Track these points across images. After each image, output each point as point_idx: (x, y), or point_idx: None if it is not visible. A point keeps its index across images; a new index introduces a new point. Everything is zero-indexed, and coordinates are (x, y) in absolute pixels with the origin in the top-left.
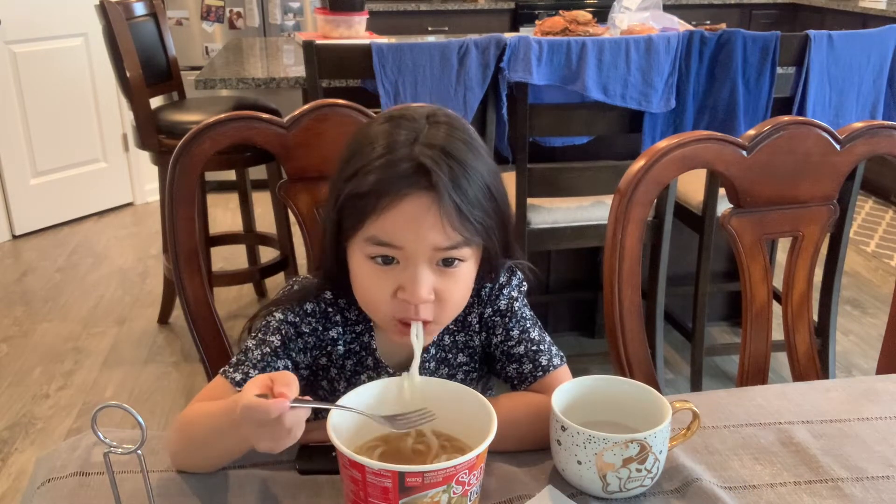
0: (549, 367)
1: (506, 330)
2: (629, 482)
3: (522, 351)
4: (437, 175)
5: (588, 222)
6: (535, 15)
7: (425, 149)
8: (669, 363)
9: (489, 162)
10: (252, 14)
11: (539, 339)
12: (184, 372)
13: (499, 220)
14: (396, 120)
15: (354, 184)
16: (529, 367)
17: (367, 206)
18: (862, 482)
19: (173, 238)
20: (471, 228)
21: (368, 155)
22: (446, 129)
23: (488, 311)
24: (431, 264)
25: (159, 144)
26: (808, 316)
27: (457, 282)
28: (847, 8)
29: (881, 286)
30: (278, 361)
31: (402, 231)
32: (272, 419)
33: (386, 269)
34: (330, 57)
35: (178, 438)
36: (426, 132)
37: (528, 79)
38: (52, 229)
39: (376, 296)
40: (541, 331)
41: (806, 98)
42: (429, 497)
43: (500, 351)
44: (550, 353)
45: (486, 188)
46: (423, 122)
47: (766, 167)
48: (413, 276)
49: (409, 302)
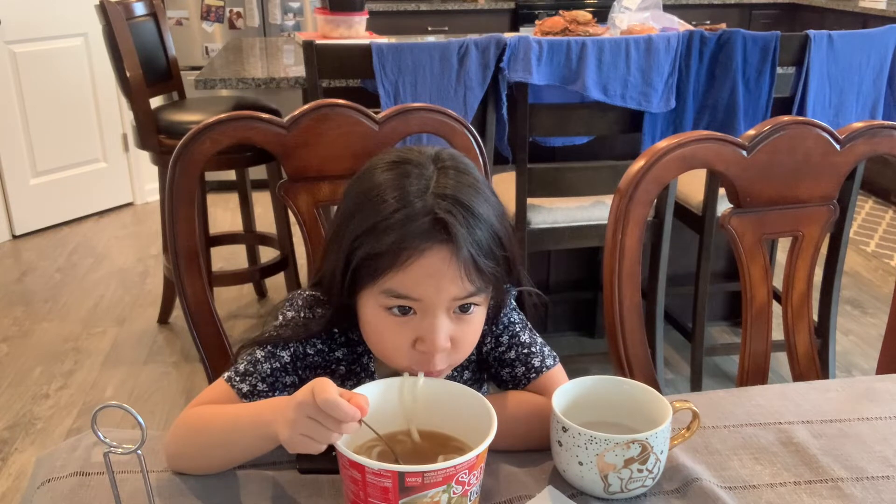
0: (542, 367)
1: (495, 338)
2: (631, 483)
3: (514, 356)
4: (455, 228)
5: (588, 222)
6: (535, 15)
7: (439, 200)
8: (669, 363)
9: (494, 202)
10: (252, 14)
11: (530, 342)
12: (184, 372)
13: (506, 264)
14: (402, 167)
15: (370, 241)
16: (522, 369)
17: (387, 263)
18: (862, 482)
19: (173, 238)
20: (486, 277)
21: (381, 210)
22: (454, 174)
23: None
24: (448, 313)
25: (159, 144)
26: (808, 316)
27: (472, 326)
28: (847, 8)
29: (881, 286)
30: (287, 377)
31: (422, 285)
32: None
33: (403, 319)
34: (330, 57)
35: (183, 440)
36: (436, 180)
37: (528, 79)
38: (52, 229)
39: (393, 346)
40: (531, 333)
41: (806, 98)
42: (429, 497)
43: (493, 357)
44: (542, 355)
45: (495, 236)
46: (431, 167)
47: (766, 167)
48: (432, 326)
49: (427, 353)
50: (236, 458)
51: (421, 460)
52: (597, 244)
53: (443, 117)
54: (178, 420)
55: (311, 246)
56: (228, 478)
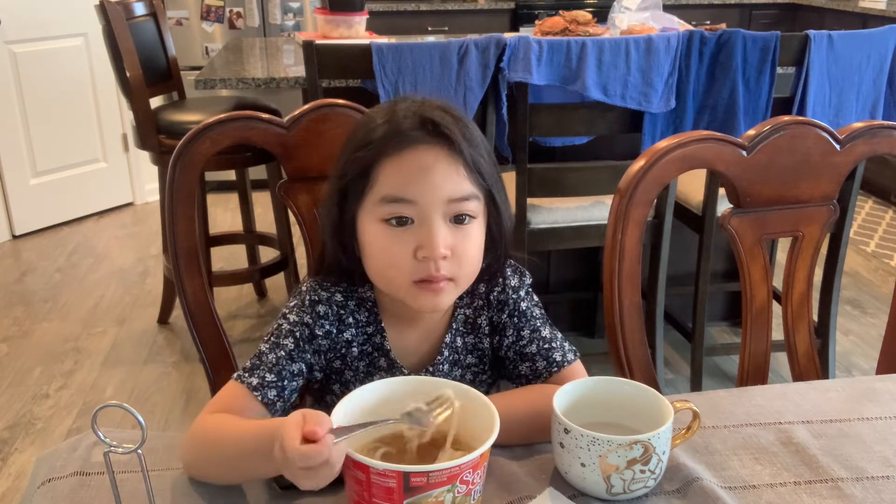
0: (564, 362)
1: (516, 330)
2: (633, 483)
3: (535, 349)
4: (446, 125)
5: (588, 222)
6: (535, 15)
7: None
8: (669, 363)
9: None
10: (252, 14)
11: (551, 337)
12: (184, 372)
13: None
14: (392, 101)
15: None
16: (543, 363)
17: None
18: (862, 482)
19: (173, 238)
20: (479, 178)
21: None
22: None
23: (498, 315)
24: (445, 220)
25: (159, 144)
26: (808, 316)
27: (470, 238)
28: (847, 8)
29: (881, 286)
30: (293, 365)
31: (414, 182)
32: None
33: (401, 230)
34: (330, 57)
35: (198, 450)
36: (424, 103)
37: (528, 79)
38: (52, 229)
39: (395, 259)
40: (552, 328)
41: (806, 98)
42: (433, 497)
43: (513, 351)
44: (563, 349)
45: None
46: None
47: (766, 167)
48: (430, 230)
49: (429, 258)
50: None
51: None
52: (597, 244)
53: None
54: (192, 428)
55: (311, 246)
56: None
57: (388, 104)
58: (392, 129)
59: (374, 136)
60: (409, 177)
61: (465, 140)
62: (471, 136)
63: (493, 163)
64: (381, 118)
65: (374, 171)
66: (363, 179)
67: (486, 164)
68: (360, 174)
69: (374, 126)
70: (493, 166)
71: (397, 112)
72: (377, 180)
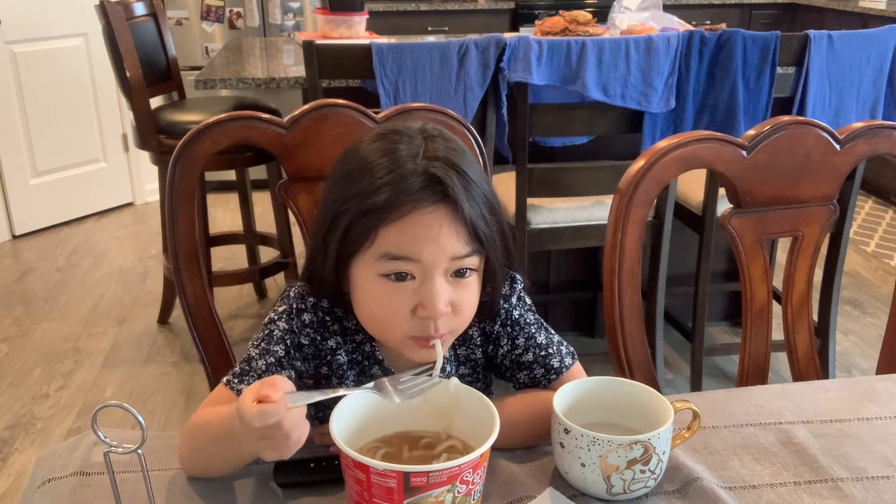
0: (562, 368)
1: (511, 339)
2: (633, 484)
3: (531, 358)
4: (451, 185)
5: (588, 222)
6: (535, 15)
7: (432, 161)
8: (669, 363)
9: (481, 170)
10: (252, 14)
11: (547, 343)
12: (184, 372)
13: (499, 228)
14: (390, 137)
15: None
16: (541, 371)
17: (381, 220)
18: (862, 482)
19: (173, 238)
20: (482, 236)
21: (373, 171)
22: (442, 141)
23: (490, 325)
24: (446, 276)
25: (159, 144)
26: (808, 316)
27: (469, 291)
28: (847, 8)
29: (881, 286)
30: (282, 371)
31: (419, 243)
32: (271, 425)
33: (400, 285)
34: (330, 57)
35: (186, 446)
36: (426, 146)
37: (528, 79)
38: (52, 229)
39: (391, 314)
40: (547, 333)
41: (806, 98)
42: (433, 497)
43: (509, 360)
44: (561, 354)
45: (486, 199)
46: (419, 137)
47: (766, 167)
48: (431, 289)
49: (428, 318)
50: (230, 467)
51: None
52: (597, 244)
53: (443, 117)
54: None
55: None
56: (230, 478)
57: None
58: (396, 193)
59: (378, 201)
60: (414, 237)
61: (470, 199)
62: (474, 189)
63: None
64: (383, 172)
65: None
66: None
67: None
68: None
69: (376, 185)
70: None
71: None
72: (378, 237)
